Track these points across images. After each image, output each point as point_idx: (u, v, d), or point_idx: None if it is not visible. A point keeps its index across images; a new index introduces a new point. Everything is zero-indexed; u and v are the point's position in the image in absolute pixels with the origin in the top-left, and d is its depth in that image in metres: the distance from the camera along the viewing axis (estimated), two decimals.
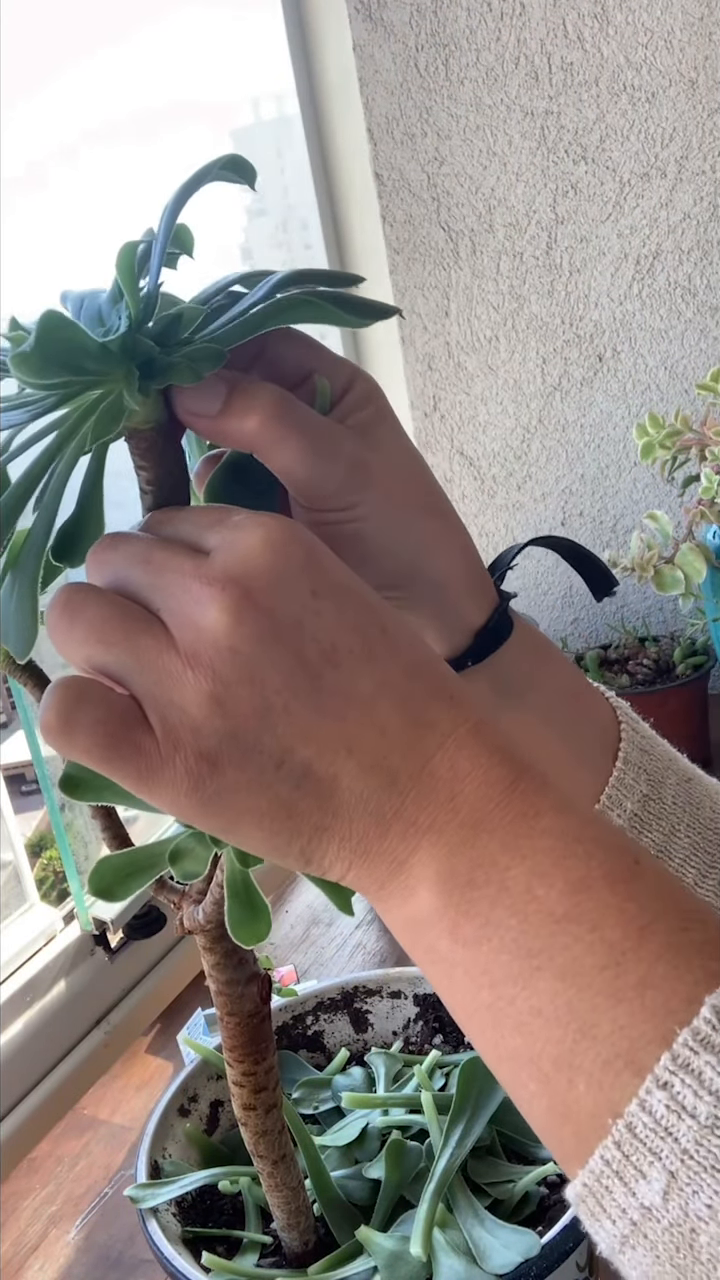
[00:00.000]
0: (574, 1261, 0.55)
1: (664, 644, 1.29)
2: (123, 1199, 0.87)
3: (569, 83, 1.31)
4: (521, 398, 1.46)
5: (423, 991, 0.70)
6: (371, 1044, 0.71)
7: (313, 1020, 0.71)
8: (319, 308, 0.41)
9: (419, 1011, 0.70)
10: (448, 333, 1.47)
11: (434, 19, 1.35)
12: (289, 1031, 0.71)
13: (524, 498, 1.51)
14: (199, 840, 0.43)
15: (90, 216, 1.14)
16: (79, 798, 0.42)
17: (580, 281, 1.38)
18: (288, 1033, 0.71)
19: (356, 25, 1.39)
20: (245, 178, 0.44)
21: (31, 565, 0.39)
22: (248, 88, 1.44)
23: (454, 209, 1.42)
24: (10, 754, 1.05)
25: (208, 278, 0.46)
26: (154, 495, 0.43)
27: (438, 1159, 0.57)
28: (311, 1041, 0.71)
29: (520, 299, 1.42)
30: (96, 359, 0.38)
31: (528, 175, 1.37)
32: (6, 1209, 0.89)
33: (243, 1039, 0.53)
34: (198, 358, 0.39)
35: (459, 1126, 0.58)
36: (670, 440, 1.06)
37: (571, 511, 1.49)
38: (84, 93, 1.18)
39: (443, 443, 1.53)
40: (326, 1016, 0.71)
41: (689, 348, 1.35)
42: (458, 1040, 0.69)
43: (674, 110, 1.28)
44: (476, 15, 1.33)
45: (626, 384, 1.40)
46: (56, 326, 0.36)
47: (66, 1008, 1.02)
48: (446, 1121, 0.59)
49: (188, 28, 1.32)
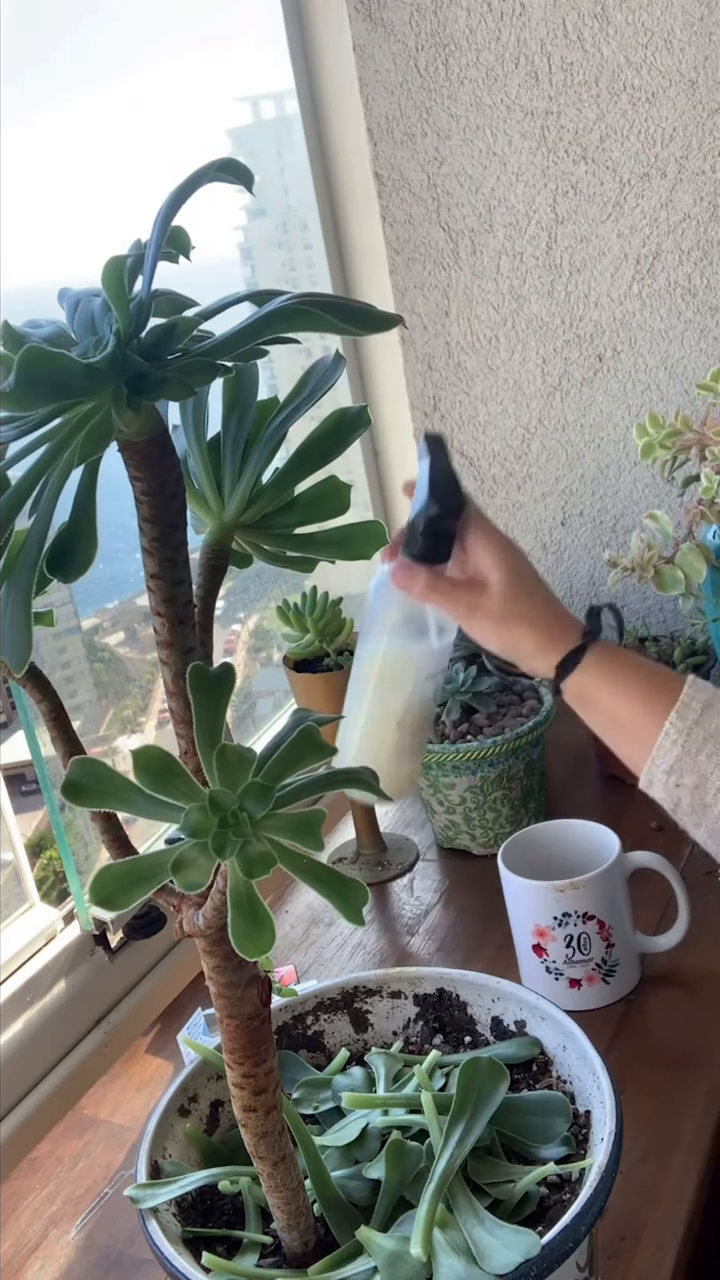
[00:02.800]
0: (574, 1261, 0.55)
1: (664, 644, 1.29)
2: (123, 1199, 0.87)
3: (569, 83, 1.31)
4: (521, 398, 1.46)
5: (423, 991, 0.70)
6: (372, 1044, 0.71)
7: (313, 1020, 0.71)
8: (315, 317, 0.41)
9: (419, 1011, 0.70)
10: (448, 333, 1.47)
11: (434, 19, 1.35)
12: (289, 1031, 0.71)
13: (524, 498, 1.50)
14: (201, 850, 0.44)
15: (90, 216, 1.14)
16: (82, 803, 0.42)
17: (580, 281, 1.38)
18: (288, 1033, 0.71)
19: (356, 25, 1.39)
20: (241, 180, 0.44)
21: (25, 578, 0.39)
22: (248, 88, 1.44)
23: (454, 209, 1.42)
24: (10, 754, 1.05)
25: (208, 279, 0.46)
26: (149, 505, 0.43)
27: (438, 1159, 0.57)
28: (312, 1041, 0.71)
29: (520, 299, 1.42)
30: (84, 379, 0.38)
31: (528, 175, 1.37)
32: (6, 1209, 0.89)
33: (243, 1041, 0.53)
34: (190, 371, 0.39)
35: (459, 1126, 0.59)
36: (670, 440, 1.06)
37: (571, 511, 1.49)
38: (84, 93, 1.19)
39: None
40: (327, 1016, 0.71)
41: (689, 348, 1.35)
42: (458, 1040, 0.69)
43: (674, 110, 1.28)
44: (476, 15, 1.33)
45: (626, 384, 1.40)
46: (34, 361, 0.36)
47: (66, 1008, 1.02)
48: (447, 1121, 0.59)
49: (188, 27, 1.32)
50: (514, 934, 0.95)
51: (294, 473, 0.53)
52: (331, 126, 1.46)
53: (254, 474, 0.52)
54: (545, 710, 1.16)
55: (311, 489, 0.56)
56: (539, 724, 1.14)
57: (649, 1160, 0.79)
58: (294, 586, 1.43)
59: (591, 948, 0.91)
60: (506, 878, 0.93)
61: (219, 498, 0.53)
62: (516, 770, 1.14)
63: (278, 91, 1.46)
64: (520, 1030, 0.67)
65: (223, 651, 1.45)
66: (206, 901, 0.50)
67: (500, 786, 1.14)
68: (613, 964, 0.92)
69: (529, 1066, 0.66)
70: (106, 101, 1.21)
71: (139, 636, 1.26)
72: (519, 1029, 0.67)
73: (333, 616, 1.14)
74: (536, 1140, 0.61)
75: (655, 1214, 0.76)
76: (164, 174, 1.36)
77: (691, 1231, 0.76)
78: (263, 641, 1.48)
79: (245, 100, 1.45)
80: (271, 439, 0.53)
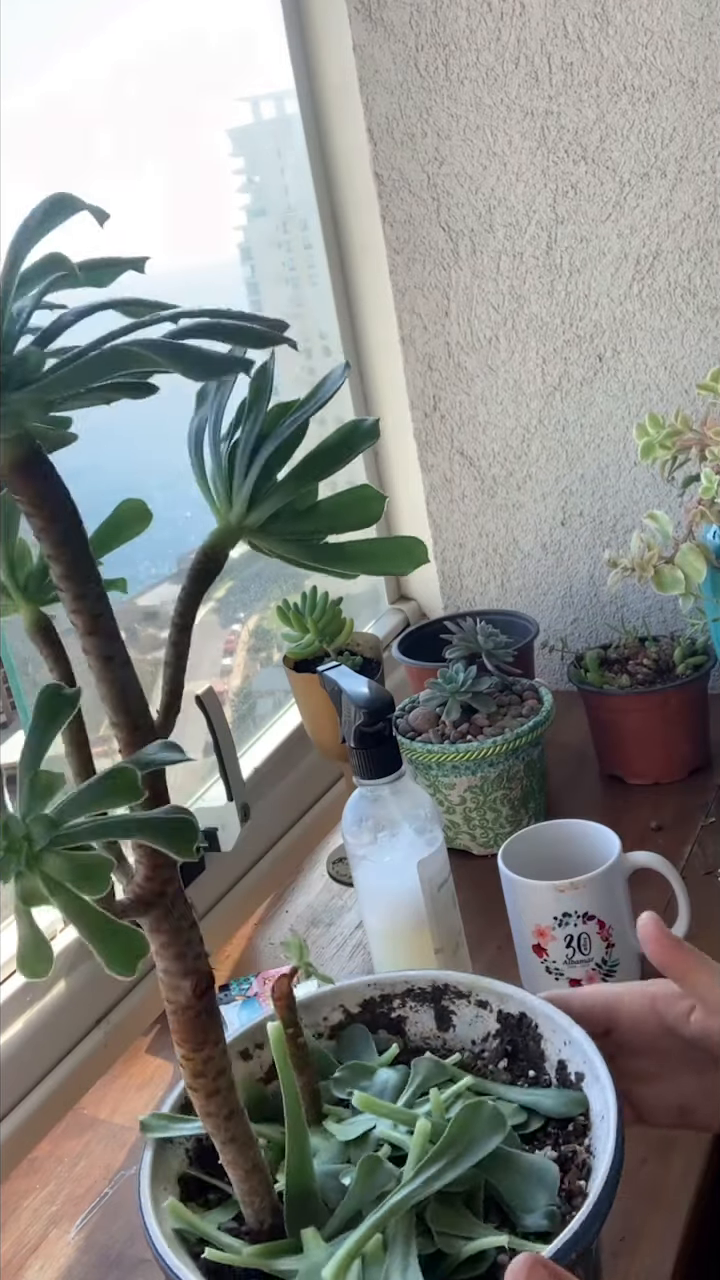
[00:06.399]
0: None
1: (664, 644, 1.29)
2: (123, 1199, 0.87)
3: (569, 83, 1.31)
4: (521, 398, 1.46)
5: (507, 1010, 0.66)
6: (451, 1046, 0.68)
7: (399, 1005, 0.70)
8: (147, 359, 0.40)
9: (499, 1029, 0.66)
10: (448, 333, 1.47)
11: (434, 19, 1.35)
12: (374, 1009, 0.70)
13: (524, 498, 1.51)
14: None
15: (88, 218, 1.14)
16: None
17: (580, 281, 1.38)
18: (372, 1010, 0.70)
19: (356, 25, 1.39)
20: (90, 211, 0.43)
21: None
22: (248, 88, 1.44)
23: (454, 209, 1.42)
24: (10, 754, 1.05)
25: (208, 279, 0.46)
26: (48, 541, 0.44)
27: (396, 1191, 0.55)
28: (393, 1025, 0.69)
29: (520, 299, 1.42)
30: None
31: (528, 175, 1.37)
32: (6, 1209, 0.89)
33: (177, 1026, 0.54)
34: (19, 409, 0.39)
35: (434, 1167, 0.56)
36: (670, 440, 1.06)
37: (571, 511, 1.49)
38: (83, 92, 1.18)
39: (443, 443, 1.53)
40: (413, 1005, 0.69)
41: (689, 348, 1.35)
42: (522, 1071, 0.65)
43: (674, 110, 1.28)
44: (476, 15, 1.33)
45: (626, 384, 1.40)
46: None
47: (66, 1008, 1.02)
48: (427, 1157, 0.56)
49: (187, 27, 1.32)
50: (514, 934, 0.95)
51: (298, 479, 0.53)
52: (331, 126, 1.46)
53: (256, 476, 0.52)
54: (545, 710, 1.16)
55: (338, 496, 0.54)
56: (539, 724, 1.14)
57: (649, 1161, 0.79)
58: (294, 586, 1.43)
59: (591, 948, 0.91)
60: (506, 878, 0.93)
61: (229, 501, 0.52)
62: (516, 770, 1.14)
63: (278, 91, 1.46)
64: (578, 1083, 0.62)
65: (222, 651, 1.45)
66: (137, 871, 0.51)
67: (500, 786, 1.14)
68: (613, 964, 0.92)
69: (565, 1125, 0.61)
70: (106, 101, 1.21)
71: (139, 636, 1.26)
72: (577, 1081, 0.62)
73: (333, 617, 1.14)
74: (517, 1206, 0.57)
75: (655, 1214, 0.76)
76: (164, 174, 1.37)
77: (691, 1232, 0.76)
78: (263, 641, 1.48)
79: (245, 100, 1.45)
80: (275, 442, 0.52)
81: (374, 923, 0.92)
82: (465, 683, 1.17)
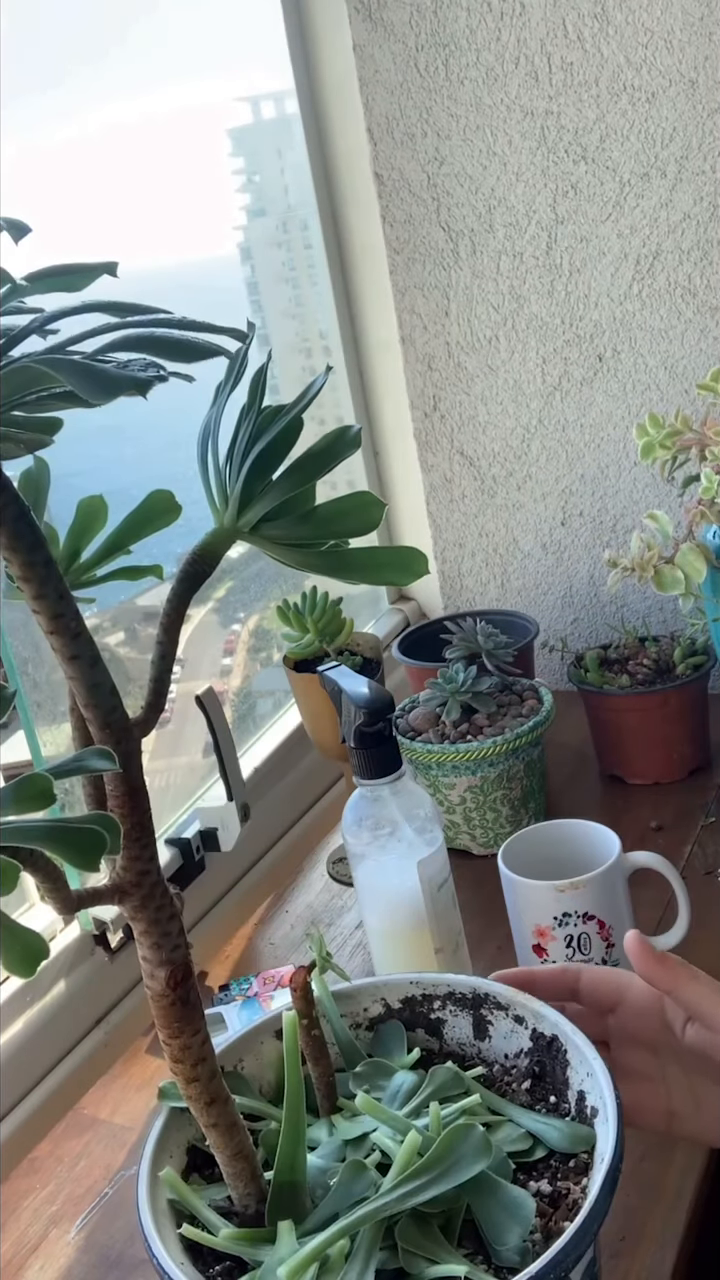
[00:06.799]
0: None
1: (664, 644, 1.29)
2: (123, 1199, 0.87)
3: (569, 83, 1.31)
4: (521, 398, 1.46)
5: (541, 1030, 0.65)
6: (485, 1056, 0.67)
7: (440, 1006, 0.69)
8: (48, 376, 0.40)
9: (530, 1047, 0.65)
10: (448, 333, 1.47)
11: (434, 19, 1.35)
12: (415, 1006, 0.69)
13: (524, 498, 1.51)
14: None
15: (88, 218, 1.14)
16: None
17: (580, 281, 1.38)
18: (413, 1007, 0.69)
19: (356, 25, 1.39)
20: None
21: None
22: (248, 88, 1.44)
23: (454, 209, 1.42)
24: (10, 754, 1.05)
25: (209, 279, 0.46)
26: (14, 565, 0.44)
27: (370, 1202, 0.54)
28: (431, 1025, 0.69)
29: (520, 299, 1.42)
30: None
31: (528, 175, 1.37)
32: (6, 1209, 0.89)
33: (156, 1011, 0.55)
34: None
35: (413, 1182, 0.55)
36: (670, 440, 1.06)
37: (571, 511, 1.49)
38: (83, 93, 1.18)
39: (443, 443, 1.53)
40: (453, 1009, 0.69)
41: (689, 348, 1.35)
42: (543, 1096, 0.64)
43: (674, 110, 1.28)
44: (476, 15, 1.33)
45: (626, 384, 1.40)
46: None
47: (66, 1008, 1.02)
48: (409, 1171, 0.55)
49: (187, 27, 1.32)
50: (514, 934, 0.95)
51: (283, 484, 0.52)
52: (331, 126, 1.46)
53: (246, 477, 0.52)
54: (545, 710, 1.16)
55: (337, 501, 0.54)
56: (539, 724, 1.14)
57: (649, 1160, 0.79)
58: (294, 586, 1.43)
59: (591, 948, 0.91)
60: (506, 878, 0.93)
61: (225, 502, 0.52)
62: (516, 770, 1.14)
63: (278, 91, 1.46)
64: (591, 1118, 0.60)
65: (222, 651, 1.45)
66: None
67: (500, 786, 1.14)
68: (613, 964, 0.92)
69: (569, 1160, 0.60)
70: (105, 100, 1.21)
71: (139, 636, 1.26)
72: (591, 1116, 0.60)
73: (333, 616, 1.14)
74: (493, 1237, 0.55)
75: (655, 1214, 0.76)
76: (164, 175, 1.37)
77: (692, 1231, 0.76)
78: (263, 641, 1.48)
79: (245, 100, 1.45)
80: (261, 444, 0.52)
81: (374, 923, 0.92)
82: (465, 683, 1.17)
